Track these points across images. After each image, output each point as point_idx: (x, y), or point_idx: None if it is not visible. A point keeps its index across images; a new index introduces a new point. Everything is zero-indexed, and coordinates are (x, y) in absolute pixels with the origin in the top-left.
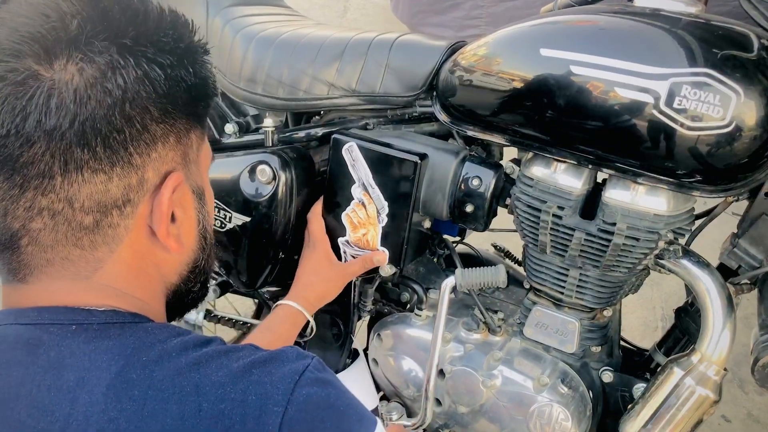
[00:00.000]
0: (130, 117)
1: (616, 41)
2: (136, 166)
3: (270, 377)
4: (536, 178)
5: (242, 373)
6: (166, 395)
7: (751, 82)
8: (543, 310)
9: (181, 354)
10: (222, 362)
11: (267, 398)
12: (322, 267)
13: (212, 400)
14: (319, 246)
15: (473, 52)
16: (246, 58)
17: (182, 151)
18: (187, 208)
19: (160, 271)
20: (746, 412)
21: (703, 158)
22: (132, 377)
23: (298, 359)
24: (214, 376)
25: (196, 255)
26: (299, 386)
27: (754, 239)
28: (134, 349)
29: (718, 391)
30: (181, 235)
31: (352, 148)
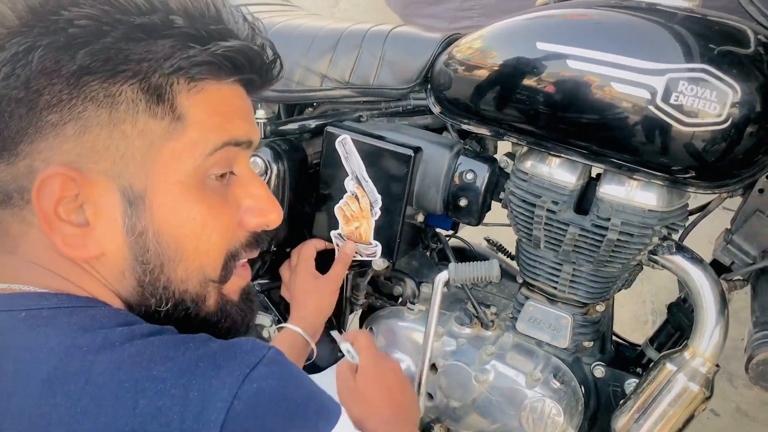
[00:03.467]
0: (12, 99)
1: (613, 36)
2: (22, 153)
3: (217, 371)
4: (531, 173)
5: (187, 366)
6: (102, 391)
7: (747, 78)
8: (536, 305)
9: (125, 344)
10: (168, 354)
11: (211, 393)
12: (307, 284)
13: (150, 397)
14: (300, 267)
15: (468, 45)
16: None
17: (93, 145)
18: (105, 209)
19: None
20: (735, 407)
21: (698, 154)
22: (69, 370)
23: (252, 351)
24: (155, 370)
25: (132, 266)
26: (249, 380)
27: (747, 235)
28: (75, 338)
29: (710, 387)
30: (93, 237)
31: (345, 141)
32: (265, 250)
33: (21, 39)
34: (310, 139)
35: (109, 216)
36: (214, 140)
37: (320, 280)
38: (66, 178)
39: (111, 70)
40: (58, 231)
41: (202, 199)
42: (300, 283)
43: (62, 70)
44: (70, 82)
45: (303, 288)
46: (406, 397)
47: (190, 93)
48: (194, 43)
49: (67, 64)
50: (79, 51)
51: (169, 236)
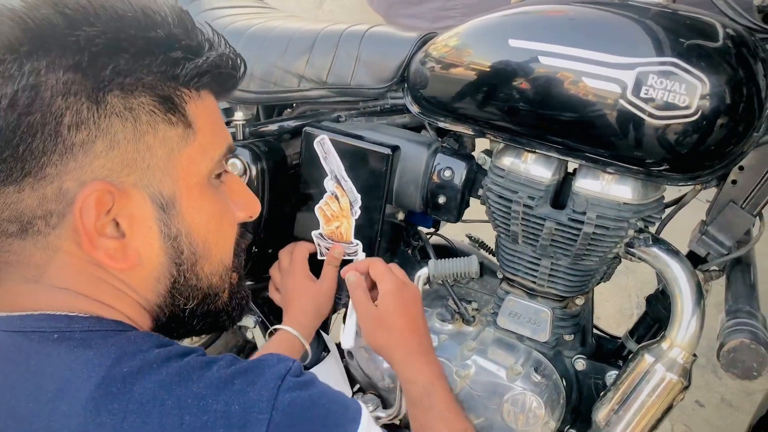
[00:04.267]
0: (33, 125)
1: (584, 31)
2: (50, 176)
3: (252, 386)
4: (507, 169)
5: (224, 383)
6: (146, 409)
7: (716, 70)
8: (516, 299)
9: (162, 365)
10: (203, 373)
11: (251, 406)
12: (305, 287)
13: (194, 413)
14: (296, 270)
15: (444, 43)
16: None
17: (122, 158)
18: (140, 219)
19: (127, 283)
20: (720, 397)
21: (670, 147)
22: (112, 390)
23: (278, 364)
24: (195, 388)
25: (168, 270)
26: (282, 391)
27: (722, 226)
28: (115, 359)
29: (688, 376)
30: (131, 248)
31: (323, 141)
32: (247, 251)
33: (36, 62)
34: (289, 140)
35: (144, 225)
36: (221, 145)
37: (317, 283)
38: (104, 192)
39: (131, 85)
40: (101, 246)
41: (215, 197)
42: (297, 286)
43: (85, 89)
44: (94, 99)
45: (301, 291)
46: (426, 327)
47: (195, 101)
48: (194, 54)
49: (90, 82)
50: (105, 68)
51: (198, 235)
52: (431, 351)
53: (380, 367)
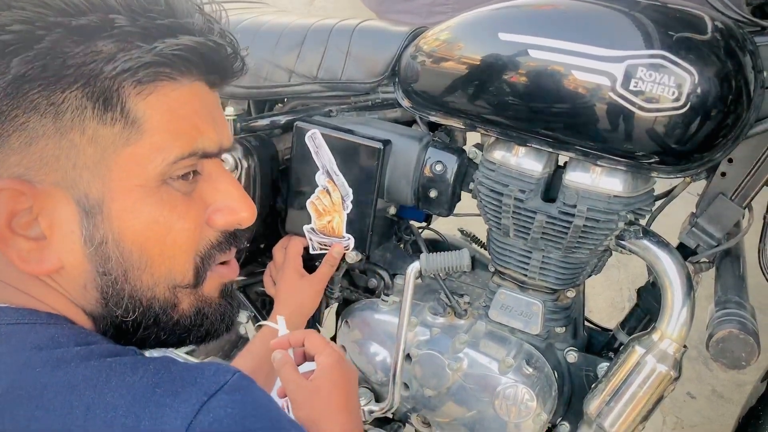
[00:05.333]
0: None
1: (573, 24)
2: None
3: (173, 398)
4: (498, 163)
5: (143, 392)
6: (52, 417)
7: (705, 63)
8: (507, 292)
9: (81, 364)
10: (125, 379)
11: (163, 424)
12: (293, 283)
13: (99, 425)
14: (287, 265)
15: (435, 37)
16: None
17: (41, 156)
18: (61, 221)
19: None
20: (711, 389)
21: (659, 139)
22: (20, 393)
23: (214, 376)
24: (109, 396)
25: (93, 278)
26: (206, 410)
27: (711, 218)
28: (30, 356)
29: (678, 368)
30: (51, 252)
31: (315, 136)
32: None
33: None
34: (281, 135)
35: (66, 228)
36: (180, 149)
37: (305, 279)
38: (14, 192)
39: (50, 77)
40: (13, 246)
41: (166, 201)
42: (285, 281)
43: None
44: (9, 92)
45: (287, 286)
46: (357, 407)
47: (141, 96)
48: (140, 41)
49: (2, 73)
50: (14, 59)
51: (132, 243)
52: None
53: (372, 361)
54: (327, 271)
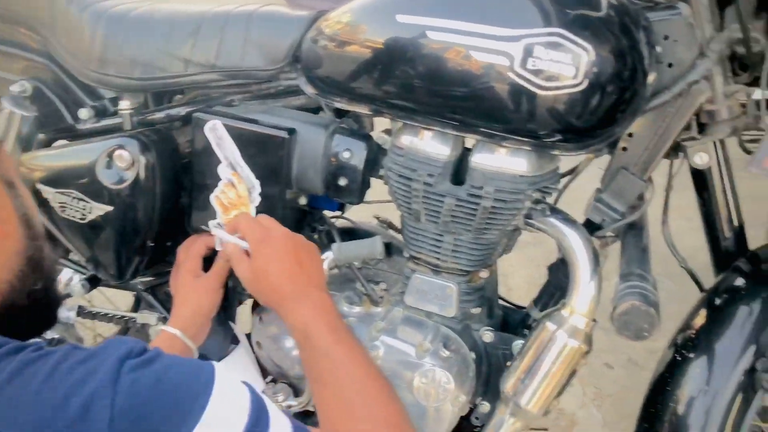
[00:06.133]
0: None
1: (470, 4)
2: None
3: (92, 374)
4: (406, 147)
5: (62, 375)
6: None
7: (600, 39)
8: (422, 277)
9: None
10: (38, 368)
11: (91, 396)
12: (188, 283)
13: (29, 411)
14: (183, 266)
15: (336, 20)
16: (95, 37)
17: None
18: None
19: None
20: (627, 358)
21: (560, 117)
22: None
23: (118, 347)
24: (29, 385)
25: (23, 243)
26: (123, 374)
27: (615, 193)
28: None
29: (589, 341)
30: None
31: (216, 126)
32: (143, 246)
33: None
34: (181, 128)
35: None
36: None
37: (200, 279)
38: None
39: None
40: None
41: None
42: (180, 283)
43: None
44: None
45: (183, 288)
46: (306, 267)
47: None
48: None
49: None
50: None
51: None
52: (307, 292)
53: (289, 355)
54: (223, 266)
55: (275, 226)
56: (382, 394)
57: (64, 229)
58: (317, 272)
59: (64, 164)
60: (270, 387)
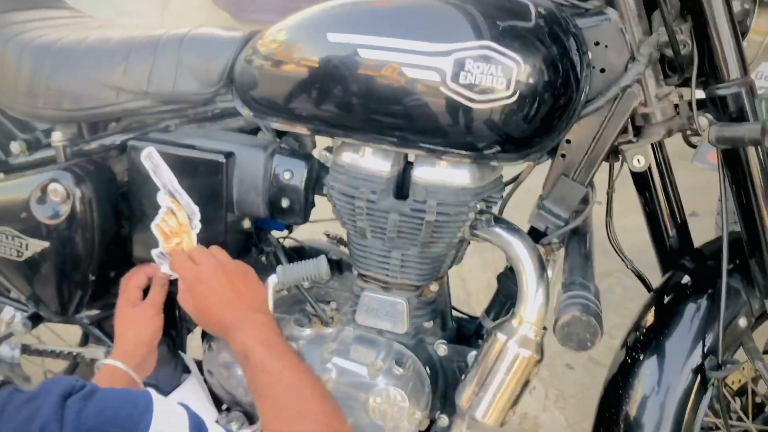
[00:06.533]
0: None
1: (399, 20)
2: None
3: (37, 410)
4: (347, 165)
5: (9, 416)
6: None
7: (529, 50)
8: (371, 294)
9: None
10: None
11: (42, 429)
12: (124, 315)
13: None
14: (120, 298)
15: (270, 39)
16: (20, 69)
17: None
18: None
19: None
20: (587, 357)
21: (496, 129)
22: None
23: (57, 386)
24: None
25: None
26: (66, 409)
27: (557, 199)
28: None
29: (540, 350)
30: None
31: (151, 154)
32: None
33: None
34: (118, 156)
35: None
36: None
37: (137, 308)
38: None
39: None
40: None
41: None
42: (119, 314)
43: None
44: None
45: (121, 319)
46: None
47: None
48: None
49: None
50: None
51: None
52: (246, 317)
53: (241, 383)
54: (159, 292)
55: (206, 259)
56: (314, 395)
57: (1, 267)
58: (255, 295)
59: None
60: (223, 416)
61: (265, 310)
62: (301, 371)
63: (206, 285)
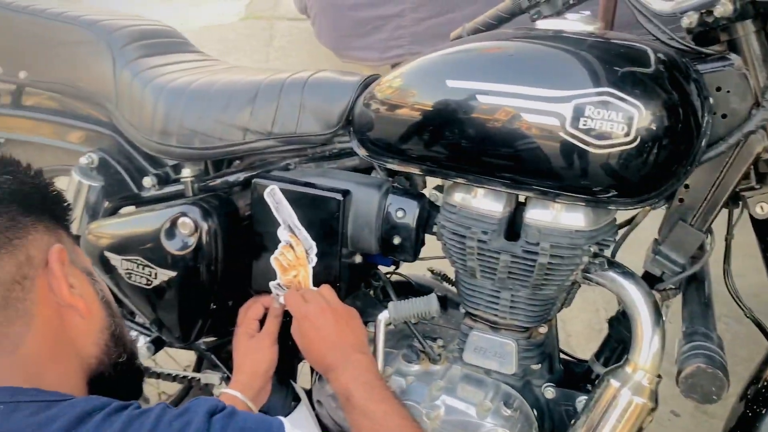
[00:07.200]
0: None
1: (519, 67)
2: (18, 246)
3: (188, 424)
4: (458, 205)
5: (164, 427)
6: None
7: (650, 96)
8: (480, 334)
9: (106, 420)
10: (142, 422)
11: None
12: (242, 346)
13: None
14: (238, 329)
15: (387, 85)
16: (157, 110)
17: (57, 237)
18: (81, 280)
19: (75, 344)
20: (694, 405)
21: (615, 174)
22: None
23: (204, 404)
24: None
25: (106, 321)
26: (213, 424)
27: (674, 245)
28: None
29: (654, 398)
30: (84, 299)
31: (273, 191)
32: (205, 309)
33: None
34: (240, 192)
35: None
36: None
37: (254, 339)
38: (64, 252)
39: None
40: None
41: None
42: (237, 345)
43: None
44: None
45: (239, 350)
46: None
47: None
48: None
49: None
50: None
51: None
52: (347, 358)
53: None
54: (273, 323)
55: (315, 299)
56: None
57: (129, 294)
58: (357, 337)
59: (129, 232)
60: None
61: (366, 351)
62: (402, 416)
63: (311, 323)
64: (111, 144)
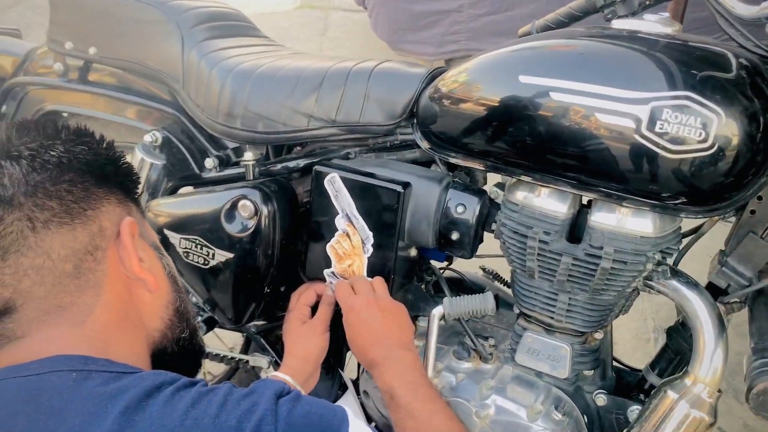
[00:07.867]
0: (72, 182)
1: (595, 66)
2: (92, 217)
3: (256, 405)
4: (521, 204)
5: (233, 405)
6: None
7: (731, 102)
8: (533, 335)
9: (175, 395)
10: (212, 398)
11: (259, 422)
12: (295, 331)
13: (212, 430)
14: (291, 314)
15: (453, 79)
16: (223, 92)
17: (128, 210)
18: (150, 254)
19: (141, 317)
20: (742, 423)
21: (687, 180)
22: (134, 419)
23: (271, 386)
24: (209, 410)
25: (172, 296)
26: (280, 406)
27: (742, 257)
28: (132, 394)
29: (714, 413)
30: (152, 273)
31: (334, 179)
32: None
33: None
34: (300, 178)
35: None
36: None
37: (306, 325)
38: (135, 225)
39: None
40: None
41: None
42: (288, 330)
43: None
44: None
45: (290, 335)
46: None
47: None
48: None
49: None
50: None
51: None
52: (391, 354)
53: None
54: (326, 311)
55: (364, 291)
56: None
57: (186, 272)
58: (403, 333)
59: (190, 211)
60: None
61: (412, 348)
62: (448, 416)
63: (357, 315)
64: (174, 123)
